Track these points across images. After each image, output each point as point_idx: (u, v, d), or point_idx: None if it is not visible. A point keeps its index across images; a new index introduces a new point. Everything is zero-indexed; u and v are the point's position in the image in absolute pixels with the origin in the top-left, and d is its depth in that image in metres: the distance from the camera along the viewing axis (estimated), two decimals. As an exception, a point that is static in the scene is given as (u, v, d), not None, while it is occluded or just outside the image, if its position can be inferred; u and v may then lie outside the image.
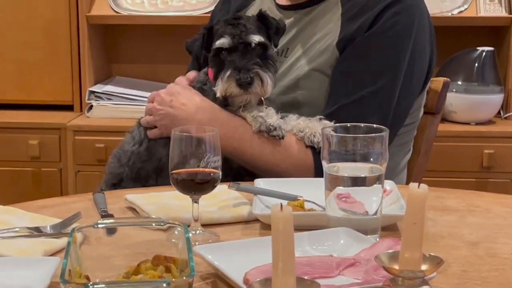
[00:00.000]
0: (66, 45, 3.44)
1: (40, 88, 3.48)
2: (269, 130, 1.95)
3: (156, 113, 2.03)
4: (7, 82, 3.48)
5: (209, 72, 2.04)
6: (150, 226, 1.32)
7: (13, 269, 1.33)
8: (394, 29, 2.02)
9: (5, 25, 3.43)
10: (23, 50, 3.45)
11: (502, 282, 1.33)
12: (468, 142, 3.22)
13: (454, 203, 1.77)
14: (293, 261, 1.06)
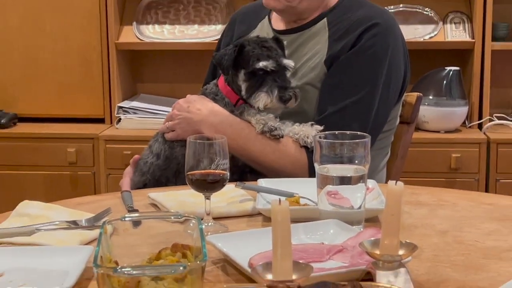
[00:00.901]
0: (98, 68, 3.44)
1: (76, 104, 3.48)
2: (270, 130, 1.95)
3: (176, 118, 2.02)
4: (49, 100, 3.48)
5: (220, 83, 2.05)
6: (169, 219, 1.32)
7: (54, 256, 1.34)
8: (372, 48, 2.01)
9: (48, 53, 3.44)
10: (62, 73, 3.45)
11: (467, 265, 1.33)
12: (438, 148, 3.21)
13: (426, 199, 1.77)
14: (290, 248, 1.06)
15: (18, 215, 1.61)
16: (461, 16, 3.44)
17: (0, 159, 3.34)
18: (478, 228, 1.54)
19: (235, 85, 2.01)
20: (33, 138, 3.35)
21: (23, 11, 3.42)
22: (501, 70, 3.49)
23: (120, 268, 1.11)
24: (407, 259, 1.18)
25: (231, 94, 2.02)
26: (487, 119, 3.36)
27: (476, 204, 1.73)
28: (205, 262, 1.13)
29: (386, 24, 2.05)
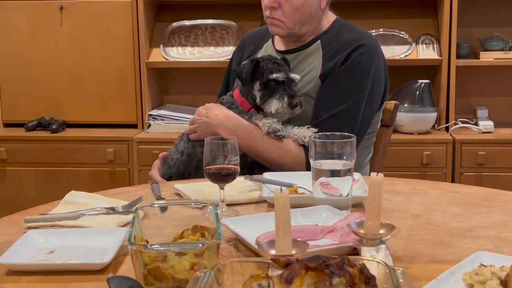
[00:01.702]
0: (132, 82, 3.44)
1: (114, 112, 3.48)
2: (274, 132, 1.95)
3: (196, 122, 2.02)
4: (92, 109, 3.48)
5: (235, 94, 2.05)
6: (190, 205, 1.32)
7: (96, 236, 1.34)
8: (359, 65, 2.00)
9: (90, 70, 3.44)
10: (102, 86, 3.46)
11: (436, 242, 1.33)
12: (412, 147, 3.20)
13: (402, 188, 1.77)
14: (289, 228, 1.06)
15: (66, 203, 1.61)
16: (430, 38, 3.44)
17: (52, 158, 3.35)
18: (445, 212, 1.54)
19: (249, 95, 2.02)
20: (79, 140, 3.35)
21: (70, 36, 3.43)
22: (464, 83, 3.48)
23: (150, 245, 1.11)
24: (386, 237, 1.18)
25: (245, 103, 2.03)
26: (452, 123, 3.35)
27: (443, 192, 1.73)
28: (220, 241, 1.13)
29: (370, 45, 2.04)
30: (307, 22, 2.06)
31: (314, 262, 0.87)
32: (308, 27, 2.07)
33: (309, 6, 2.02)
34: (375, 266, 0.93)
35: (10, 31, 3.44)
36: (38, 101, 3.49)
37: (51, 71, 3.46)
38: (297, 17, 2.03)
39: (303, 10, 2.02)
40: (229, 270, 0.95)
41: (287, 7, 2.01)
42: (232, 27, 3.58)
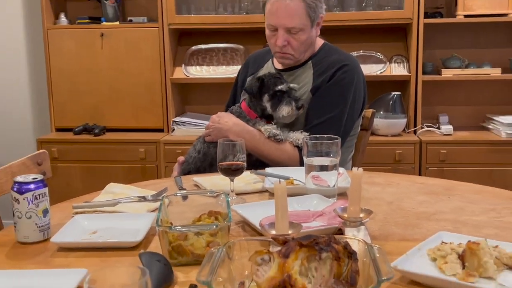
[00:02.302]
0: (159, 95, 3.44)
1: (145, 119, 3.48)
2: (274, 136, 1.95)
3: (210, 127, 2.02)
4: (126, 116, 3.48)
5: (243, 106, 2.05)
6: (206, 195, 1.33)
7: (130, 219, 1.35)
8: (343, 81, 2.00)
9: (125, 85, 3.44)
10: (135, 98, 3.45)
11: (406, 224, 1.33)
12: (386, 146, 3.19)
13: (378, 180, 1.77)
14: (287, 213, 1.06)
15: (106, 193, 1.62)
16: (401, 58, 3.43)
17: (94, 156, 3.35)
18: (414, 199, 1.54)
19: (257, 107, 2.02)
20: (116, 142, 3.36)
21: (108, 57, 3.43)
22: (429, 94, 3.47)
23: (173, 227, 1.12)
24: (365, 220, 1.19)
25: (251, 113, 2.03)
26: (419, 127, 3.34)
27: (412, 184, 1.73)
28: (230, 223, 1.14)
29: (352, 65, 2.04)
30: (308, 49, 2.06)
31: (306, 240, 0.87)
32: (309, 52, 2.08)
33: (311, 37, 2.03)
34: (356, 244, 0.93)
35: (61, 53, 3.45)
36: (83, 110, 3.49)
37: (94, 85, 3.47)
38: (302, 48, 2.04)
39: (306, 42, 2.02)
40: (238, 247, 0.95)
41: (295, 43, 2.01)
42: (239, 49, 3.58)
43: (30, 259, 1.17)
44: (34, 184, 1.25)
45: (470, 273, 1.00)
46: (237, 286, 0.92)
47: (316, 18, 2.00)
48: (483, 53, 3.48)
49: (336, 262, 0.86)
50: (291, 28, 1.98)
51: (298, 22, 1.97)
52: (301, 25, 1.98)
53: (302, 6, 1.96)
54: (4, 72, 3.80)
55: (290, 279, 0.83)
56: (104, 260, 1.14)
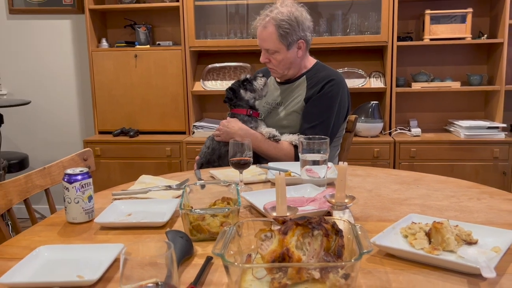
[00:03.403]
0: (181, 104, 3.45)
1: (170, 124, 3.48)
2: (273, 137, 1.94)
3: (220, 130, 2.01)
4: (155, 121, 3.49)
5: (233, 111, 2.05)
6: (220, 184, 1.32)
7: (159, 204, 1.35)
8: (331, 93, 1.99)
9: (154, 96, 3.45)
10: (162, 107, 3.46)
11: (382, 208, 1.32)
12: (366, 145, 3.18)
13: (360, 173, 1.76)
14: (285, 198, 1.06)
15: (139, 183, 1.62)
16: (379, 73, 3.41)
17: (130, 154, 3.35)
18: (389, 188, 1.53)
19: (242, 102, 2.02)
20: (147, 143, 3.36)
21: (141, 74, 3.44)
22: (401, 103, 3.46)
23: (193, 210, 1.11)
24: (349, 204, 1.18)
25: (241, 111, 2.03)
26: (394, 129, 3.33)
27: (387, 175, 1.72)
28: (239, 207, 1.14)
29: (338, 79, 2.02)
30: (290, 67, 2.05)
31: (301, 221, 0.87)
32: (292, 70, 2.06)
33: (288, 58, 2.01)
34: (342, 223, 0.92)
35: (103, 71, 3.46)
36: (121, 116, 3.50)
37: (129, 97, 3.47)
38: (282, 66, 2.03)
39: (285, 61, 2.01)
40: (246, 226, 0.95)
41: (274, 61, 2.03)
42: (247, 67, 3.57)
43: (77, 236, 1.17)
44: (81, 176, 1.25)
45: (435, 247, 0.99)
46: (245, 258, 0.92)
47: (293, 42, 1.98)
48: (445, 69, 3.46)
49: (326, 238, 0.85)
50: (268, 49, 1.99)
51: (271, 45, 1.97)
52: (274, 48, 1.98)
53: (274, 33, 1.95)
54: (57, 87, 3.82)
55: (288, 252, 0.83)
56: (137, 237, 1.14)
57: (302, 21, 1.98)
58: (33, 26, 3.74)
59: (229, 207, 1.17)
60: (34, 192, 1.51)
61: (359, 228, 0.90)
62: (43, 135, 3.88)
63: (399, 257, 0.99)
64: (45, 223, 1.27)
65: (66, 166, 1.67)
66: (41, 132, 3.88)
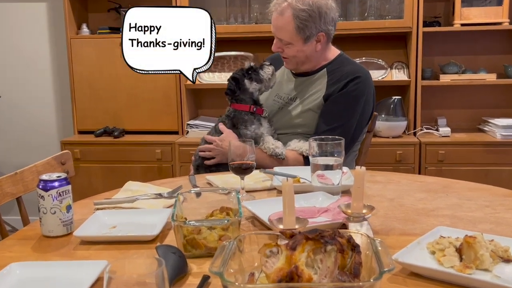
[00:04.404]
0: (174, 100, 3.45)
1: (161, 122, 3.49)
2: (276, 155, 1.94)
3: (215, 151, 2.01)
4: (144, 120, 3.50)
5: (233, 106, 2.06)
6: (219, 192, 1.32)
7: (147, 215, 1.35)
8: (354, 92, 1.98)
9: (143, 91, 3.45)
10: (152, 103, 3.47)
11: (406, 219, 1.32)
12: (388, 147, 3.18)
13: (380, 179, 1.76)
14: (293, 209, 1.06)
15: (125, 190, 1.62)
16: (401, 64, 3.41)
17: (114, 157, 3.36)
18: (413, 196, 1.53)
19: (246, 96, 2.03)
20: (134, 144, 3.37)
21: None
22: (428, 98, 3.45)
23: (188, 221, 1.12)
24: (368, 215, 1.18)
25: (243, 107, 2.04)
26: (419, 129, 3.33)
27: (412, 182, 1.72)
28: (240, 218, 1.14)
29: (364, 77, 2.02)
30: (305, 62, 2.04)
31: (312, 234, 0.87)
32: (308, 65, 2.06)
33: (303, 51, 2.00)
34: (359, 237, 0.92)
35: (83, 61, 3.47)
36: (104, 114, 3.51)
37: (113, 91, 3.48)
38: (297, 59, 2.03)
39: (299, 55, 2.01)
40: (248, 240, 0.95)
41: (287, 54, 2.02)
42: (249, 57, 3.58)
43: (54, 252, 1.17)
44: (58, 182, 1.25)
45: (467, 265, 0.99)
46: (247, 277, 0.92)
47: (311, 36, 1.96)
48: (479, 60, 3.46)
49: (340, 254, 0.85)
50: (281, 39, 1.98)
51: (285, 35, 1.97)
52: (289, 39, 1.97)
53: (290, 23, 1.93)
54: (30, 79, 3.83)
55: (297, 270, 0.83)
56: (123, 253, 1.14)
57: (326, 12, 1.95)
58: (3, 11, 3.76)
59: (228, 218, 1.17)
60: (4, 201, 1.51)
61: (379, 243, 0.89)
62: (14, 135, 3.90)
63: (426, 277, 0.99)
64: (17, 237, 1.27)
65: (41, 171, 1.67)
66: (12, 132, 3.90)
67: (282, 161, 1.94)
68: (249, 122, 2.02)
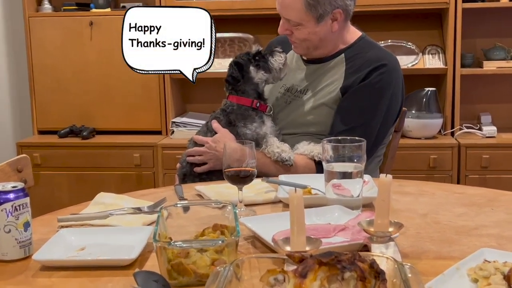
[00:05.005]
0: (156, 92, 3.46)
1: (140, 120, 3.50)
2: (282, 161, 1.94)
3: (207, 155, 2.01)
4: (119, 117, 3.51)
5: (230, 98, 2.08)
6: (211, 205, 1.32)
7: (123, 234, 1.35)
8: (379, 84, 1.97)
9: (118, 81, 3.46)
10: (129, 95, 3.48)
11: (443, 239, 1.32)
12: (419, 151, 3.19)
13: (410, 189, 1.75)
14: (304, 225, 1.06)
15: (96, 204, 1.62)
16: (436, 48, 3.42)
17: (82, 162, 3.37)
18: (451, 211, 1.53)
19: (249, 88, 2.05)
20: (107, 146, 3.38)
21: (98, 49, 3.46)
22: (468, 90, 3.45)
23: (173, 242, 1.12)
24: (395, 235, 1.18)
25: (244, 100, 2.04)
26: (457, 128, 3.33)
27: (449, 193, 1.71)
28: (238, 238, 1.14)
29: (391, 65, 2.01)
30: (319, 46, 2.04)
31: (327, 258, 0.87)
32: (322, 49, 2.06)
33: (316, 33, 1.99)
34: (384, 262, 0.92)
35: (44, 45, 3.48)
36: (70, 109, 3.52)
37: (81, 82, 3.49)
38: (308, 43, 2.02)
39: (311, 38, 2.00)
40: (247, 265, 0.95)
41: (297, 37, 2.02)
42: (249, 39, 3.59)
43: (9, 279, 1.17)
44: (14, 194, 1.25)
45: (517, 296, 0.99)
46: (247, 311, 0.92)
47: (325, 13, 1.96)
48: (531, 43, 3.47)
49: (361, 283, 0.85)
50: (289, 20, 1.98)
51: (293, 15, 1.97)
52: (298, 19, 1.96)
53: (299, 1, 1.94)
54: (-21, 67, 3.84)
55: (308, 303, 0.83)
56: (94, 281, 1.14)
57: None
58: None
59: (223, 238, 1.17)
60: None
61: (408, 269, 0.89)
62: (-40, 136, 3.91)
63: (466, 310, 0.99)
64: (-37, 261, 1.27)
65: (-8, 180, 1.67)
66: (-43, 132, 3.91)
67: (290, 168, 1.94)
68: (249, 119, 2.02)
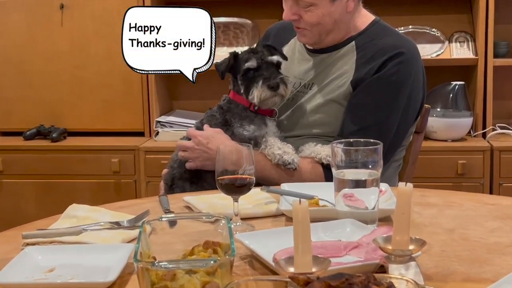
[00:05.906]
0: (138, 86, 3.46)
1: (119, 119, 3.51)
2: (284, 164, 1.95)
3: (194, 151, 2.01)
4: (95, 116, 3.51)
5: (231, 95, 2.09)
6: (201, 219, 1.33)
7: (99, 253, 1.35)
8: (395, 75, 1.97)
9: (93, 73, 3.47)
10: (106, 91, 3.48)
11: (472, 259, 1.32)
12: (446, 155, 3.19)
13: (434, 200, 1.75)
14: (309, 243, 1.06)
15: (67, 217, 1.62)
16: (465, 36, 3.43)
17: (52, 169, 3.37)
18: (483, 226, 1.53)
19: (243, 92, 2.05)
20: (81, 150, 3.38)
21: (71, 37, 3.46)
22: (503, 84, 3.46)
23: (157, 262, 1.11)
24: (417, 253, 1.17)
25: (243, 101, 2.05)
26: (490, 128, 3.33)
27: (480, 205, 1.71)
28: (233, 257, 1.13)
29: (409, 53, 2.01)
30: (333, 30, 2.04)
31: (336, 281, 0.87)
32: (335, 34, 2.06)
33: (331, 14, 2.00)
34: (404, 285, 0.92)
35: (6, 32, 3.48)
36: (37, 107, 3.52)
37: (50, 75, 3.49)
38: (321, 28, 2.02)
39: (325, 21, 2.00)
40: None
41: (308, 20, 2.00)
42: (247, 25, 3.59)
43: (-34, 306, 1.17)
44: (-29, 206, 1.25)
45: (559, 325, 0.99)
46: None
47: None
48: None
49: (377, 309, 0.85)
50: (298, 2, 1.98)
51: None
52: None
53: None
54: None
55: (315, 333, 0.83)
56: (65, 308, 1.14)
57: None
58: None
59: (216, 258, 1.17)
60: None
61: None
62: None
63: None
64: None
65: None
66: None
67: (293, 173, 1.95)
68: (247, 120, 2.02)
